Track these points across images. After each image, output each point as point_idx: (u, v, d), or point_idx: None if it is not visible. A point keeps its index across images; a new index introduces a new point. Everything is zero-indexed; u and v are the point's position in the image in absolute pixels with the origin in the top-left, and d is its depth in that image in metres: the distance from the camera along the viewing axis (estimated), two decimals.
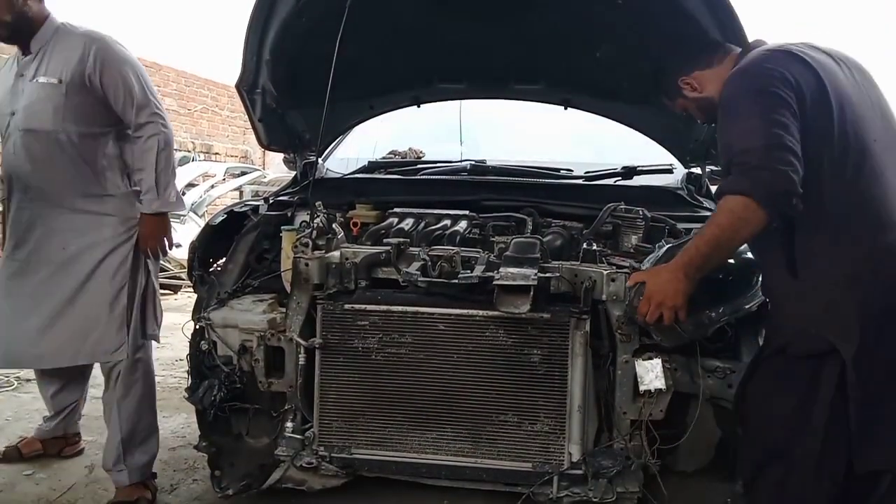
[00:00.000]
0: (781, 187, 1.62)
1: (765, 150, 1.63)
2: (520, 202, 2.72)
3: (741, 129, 1.71)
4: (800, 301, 1.73)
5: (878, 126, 1.76)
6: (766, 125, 1.65)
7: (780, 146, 1.62)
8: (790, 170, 1.61)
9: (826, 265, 1.69)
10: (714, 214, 1.77)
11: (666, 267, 1.88)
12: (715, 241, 1.73)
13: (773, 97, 1.68)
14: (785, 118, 1.65)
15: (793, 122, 1.65)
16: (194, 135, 9.84)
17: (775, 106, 1.66)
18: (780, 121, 1.64)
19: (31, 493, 2.66)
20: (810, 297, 1.70)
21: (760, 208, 1.63)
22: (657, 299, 1.84)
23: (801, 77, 1.70)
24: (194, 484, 2.76)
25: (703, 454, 2.32)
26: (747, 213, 1.65)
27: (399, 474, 2.34)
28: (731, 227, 1.69)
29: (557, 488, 2.20)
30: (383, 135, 3.78)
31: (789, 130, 1.64)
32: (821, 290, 1.69)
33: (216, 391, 2.35)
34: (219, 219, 2.80)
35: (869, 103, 1.77)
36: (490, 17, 2.65)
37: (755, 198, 1.63)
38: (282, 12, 2.52)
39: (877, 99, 1.81)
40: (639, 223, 2.49)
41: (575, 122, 3.44)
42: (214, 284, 2.54)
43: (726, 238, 1.71)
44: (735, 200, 1.66)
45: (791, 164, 1.61)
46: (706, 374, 2.16)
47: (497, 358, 2.22)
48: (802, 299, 1.72)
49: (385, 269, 2.31)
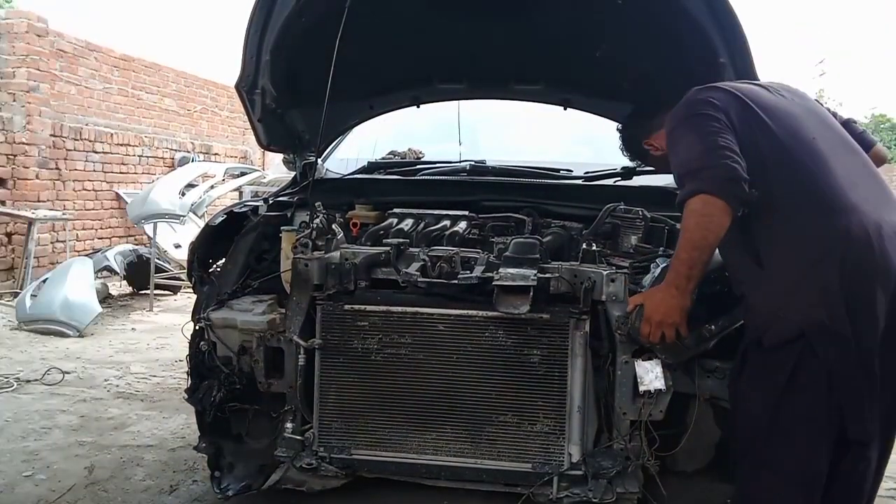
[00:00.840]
0: (728, 174, 1.73)
1: (704, 152, 1.78)
2: (519, 202, 2.72)
3: (681, 148, 1.88)
4: (767, 288, 1.79)
5: (815, 126, 1.89)
6: (700, 136, 1.81)
7: (717, 146, 1.76)
8: (730, 160, 1.74)
9: (786, 250, 1.77)
10: (682, 223, 1.86)
11: (659, 287, 1.96)
12: (690, 245, 1.81)
13: (700, 117, 1.85)
14: (715, 127, 1.80)
15: (725, 128, 1.80)
16: (194, 135, 9.82)
17: (705, 120, 1.83)
18: (712, 128, 1.80)
19: (31, 494, 2.66)
20: (776, 283, 1.77)
21: (718, 199, 1.73)
22: (656, 319, 1.92)
23: (723, 99, 1.87)
24: (194, 485, 2.76)
25: (703, 454, 2.32)
26: (708, 207, 1.74)
27: (399, 475, 2.34)
28: (698, 227, 1.78)
29: (557, 489, 2.20)
30: (383, 135, 3.77)
31: (722, 133, 1.79)
32: (784, 275, 1.76)
33: (216, 392, 2.34)
34: (218, 219, 2.79)
35: (802, 111, 1.92)
36: (490, 17, 2.65)
37: (709, 191, 1.73)
38: (282, 12, 2.51)
39: (813, 108, 1.97)
40: (638, 223, 2.48)
41: (575, 122, 3.44)
42: (214, 285, 2.53)
43: (699, 238, 1.79)
44: (693, 201, 1.76)
45: (730, 157, 1.74)
46: (706, 374, 2.16)
47: (497, 358, 2.22)
48: (769, 286, 1.78)
49: (385, 270, 2.31)
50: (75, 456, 3.01)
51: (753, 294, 1.84)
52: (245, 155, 10.93)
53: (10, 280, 6.56)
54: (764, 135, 1.83)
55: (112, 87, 8.24)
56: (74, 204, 7.39)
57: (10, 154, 6.61)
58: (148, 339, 5.33)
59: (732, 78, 2.48)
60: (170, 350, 4.95)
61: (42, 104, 6.87)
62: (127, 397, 3.89)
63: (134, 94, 8.66)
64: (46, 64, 6.99)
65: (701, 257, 1.82)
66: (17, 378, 4.10)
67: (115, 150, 8.01)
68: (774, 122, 1.84)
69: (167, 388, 4.10)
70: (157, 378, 4.30)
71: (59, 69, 7.33)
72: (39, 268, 6.59)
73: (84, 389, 3.99)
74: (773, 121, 1.85)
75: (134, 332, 5.60)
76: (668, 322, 1.90)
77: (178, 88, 9.61)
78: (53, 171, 7.06)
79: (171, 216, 6.50)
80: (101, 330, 5.57)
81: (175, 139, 9.27)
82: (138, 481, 2.80)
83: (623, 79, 2.85)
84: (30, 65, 6.75)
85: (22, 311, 5.46)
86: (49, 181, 6.99)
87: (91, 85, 7.88)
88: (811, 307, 1.71)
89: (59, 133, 7.13)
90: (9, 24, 6.71)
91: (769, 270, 1.78)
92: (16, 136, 6.63)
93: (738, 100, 1.88)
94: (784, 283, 1.75)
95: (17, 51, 6.71)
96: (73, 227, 7.27)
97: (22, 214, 6.47)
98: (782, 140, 1.82)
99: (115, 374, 4.35)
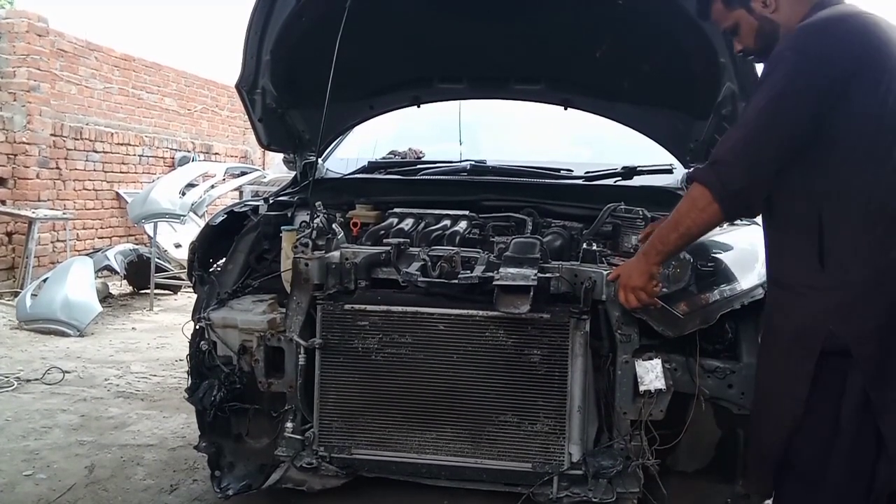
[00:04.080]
0: (741, 189, 1.64)
1: (744, 147, 1.63)
2: (520, 202, 2.72)
3: (750, 108, 1.68)
4: (823, 294, 1.62)
5: None
6: (763, 115, 1.61)
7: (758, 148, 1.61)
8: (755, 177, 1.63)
9: (854, 261, 1.59)
10: (682, 199, 1.79)
11: (634, 257, 1.99)
12: (675, 226, 1.78)
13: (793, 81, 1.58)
14: (790, 116, 1.59)
15: (802, 118, 1.58)
16: (194, 135, 9.82)
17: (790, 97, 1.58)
18: (783, 117, 1.59)
19: (32, 494, 2.66)
20: (833, 292, 1.61)
21: (719, 206, 1.67)
22: (628, 284, 1.95)
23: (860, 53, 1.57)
24: (194, 484, 2.76)
25: (703, 454, 2.32)
26: (706, 205, 1.68)
27: (399, 474, 2.33)
28: (689, 216, 1.73)
29: (557, 488, 2.20)
30: (383, 135, 3.78)
31: (783, 129, 1.60)
32: (844, 287, 1.60)
33: (216, 391, 2.35)
34: (219, 219, 2.80)
35: None
36: (490, 17, 2.65)
37: (716, 195, 1.66)
38: (282, 12, 2.52)
39: None
40: (639, 223, 2.48)
41: (575, 122, 3.44)
42: (214, 285, 2.53)
43: (685, 226, 1.75)
44: (699, 190, 1.69)
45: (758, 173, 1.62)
46: (706, 375, 2.16)
47: (497, 358, 2.21)
48: (826, 293, 1.62)
49: (385, 270, 2.31)
50: (75, 455, 3.02)
51: (807, 294, 1.65)
52: (245, 154, 10.94)
53: (10, 279, 6.57)
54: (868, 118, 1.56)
55: (112, 86, 8.24)
56: (75, 203, 7.39)
57: (11, 153, 6.62)
58: (148, 339, 5.33)
59: (733, 78, 2.49)
60: (170, 349, 4.95)
61: (42, 104, 6.88)
62: (127, 397, 3.89)
63: (134, 93, 8.66)
64: (47, 63, 7.00)
65: (679, 242, 1.81)
66: (17, 377, 4.10)
67: (116, 150, 8.01)
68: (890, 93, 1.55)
69: (167, 387, 4.10)
70: (158, 377, 4.30)
71: (59, 69, 7.33)
72: (40, 267, 6.60)
73: (84, 389, 3.99)
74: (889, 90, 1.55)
75: (134, 332, 5.60)
76: (632, 285, 1.93)
77: (179, 88, 9.61)
78: (54, 171, 7.07)
79: (171, 216, 6.51)
80: (102, 329, 5.57)
81: (175, 139, 9.27)
82: (138, 480, 2.80)
83: (623, 79, 2.85)
84: (30, 64, 6.75)
85: (22, 311, 5.47)
86: (49, 181, 7.00)
87: (91, 84, 7.88)
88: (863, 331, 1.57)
89: (60, 133, 7.13)
90: (9, 24, 6.71)
91: (832, 276, 1.61)
92: (16, 135, 6.64)
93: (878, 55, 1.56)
94: (841, 296, 1.60)
95: (18, 50, 6.71)
96: (73, 226, 7.27)
97: (22, 214, 6.47)
98: (881, 123, 1.56)
99: (115, 373, 4.35)
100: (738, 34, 1.82)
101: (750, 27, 1.78)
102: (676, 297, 2.13)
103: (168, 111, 9.38)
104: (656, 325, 2.09)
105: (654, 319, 2.08)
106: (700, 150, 2.97)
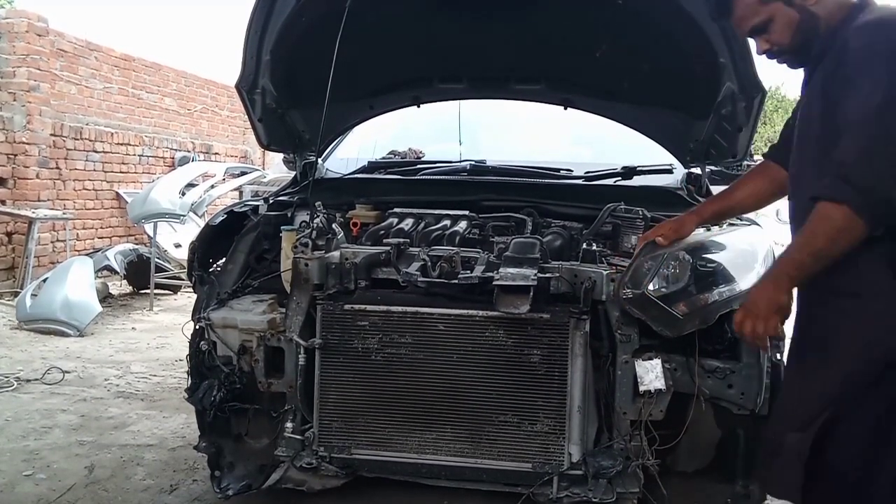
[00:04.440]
0: (883, 195, 1.48)
1: (870, 147, 1.49)
2: (520, 202, 2.72)
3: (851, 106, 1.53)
4: (892, 303, 1.55)
5: None
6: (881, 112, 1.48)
7: (885, 145, 1.48)
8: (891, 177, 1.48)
9: None
10: (808, 222, 1.58)
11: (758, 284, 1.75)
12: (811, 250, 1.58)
13: None
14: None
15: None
16: (194, 135, 9.82)
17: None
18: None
19: (31, 494, 2.66)
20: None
21: (862, 220, 1.50)
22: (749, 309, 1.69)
23: None
24: (194, 484, 2.76)
25: (703, 454, 2.32)
26: (848, 223, 1.51)
27: (399, 474, 2.34)
28: (828, 237, 1.54)
29: (557, 489, 2.20)
30: (383, 135, 3.78)
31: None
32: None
33: (216, 391, 2.35)
34: (219, 219, 2.80)
35: None
36: (490, 17, 2.65)
37: (857, 210, 1.49)
38: (282, 12, 2.52)
39: None
40: (639, 223, 2.48)
41: (575, 122, 3.44)
42: (214, 285, 2.53)
43: (823, 248, 1.56)
44: (833, 209, 1.52)
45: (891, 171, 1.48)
46: (706, 375, 2.16)
47: (497, 358, 2.21)
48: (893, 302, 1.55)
49: (385, 270, 2.31)
50: (75, 455, 3.01)
51: (877, 301, 1.58)
52: (245, 154, 10.94)
53: (10, 279, 6.56)
54: None
55: (112, 86, 8.24)
56: (75, 203, 7.39)
57: (11, 153, 6.61)
58: (148, 339, 5.33)
59: (733, 78, 2.49)
60: (170, 349, 4.95)
61: (42, 104, 6.87)
62: (127, 397, 3.89)
63: (134, 93, 8.66)
64: (47, 63, 6.99)
65: (814, 266, 1.59)
66: (17, 377, 4.10)
67: (116, 150, 8.01)
68: None
69: (167, 387, 4.09)
70: (158, 377, 4.30)
71: (59, 69, 7.33)
72: (40, 267, 6.60)
73: (84, 389, 3.99)
74: None
75: (134, 332, 5.60)
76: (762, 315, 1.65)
77: (179, 88, 9.61)
78: (54, 171, 7.06)
79: (171, 216, 6.50)
80: (102, 329, 5.57)
81: (175, 139, 9.27)
82: (138, 481, 2.80)
83: (623, 79, 2.85)
84: (30, 64, 6.75)
85: (22, 311, 5.46)
86: (49, 181, 6.99)
87: (91, 84, 7.88)
88: None
89: (60, 132, 7.13)
90: (9, 24, 6.71)
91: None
92: (16, 135, 6.63)
93: None
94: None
95: (18, 50, 6.71)
96: (73, 226, 7.27)
97: (22, 214, 6.47)
98: None
99: (115, 373, 4.35)
100: (769, 31, 1.70)
101: (787, 21, 1.67)
102: (675, 298, 2.13)
103: (168, 111, 9.37)
104: (655, 326, 2.09)
105: (654, 320, 2.08)
106: (700, 150, 2.97)
